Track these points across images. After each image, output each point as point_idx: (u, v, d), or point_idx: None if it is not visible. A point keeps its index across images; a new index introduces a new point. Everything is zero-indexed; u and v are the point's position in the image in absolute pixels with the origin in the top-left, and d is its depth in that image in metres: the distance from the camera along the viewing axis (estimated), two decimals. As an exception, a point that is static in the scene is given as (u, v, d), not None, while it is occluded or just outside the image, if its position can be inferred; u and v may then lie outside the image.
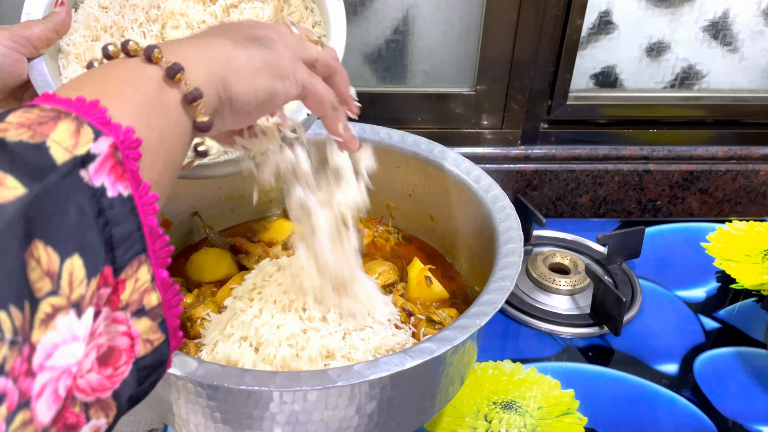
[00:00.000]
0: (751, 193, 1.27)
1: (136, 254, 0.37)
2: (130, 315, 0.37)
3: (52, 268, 0.32)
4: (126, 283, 0.36)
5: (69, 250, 0.33)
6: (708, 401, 0.87)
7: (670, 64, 1.20)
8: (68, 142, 0.34)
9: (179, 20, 0.75)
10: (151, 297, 0.38)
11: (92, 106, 0.37)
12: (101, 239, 0.35)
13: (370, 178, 0.98)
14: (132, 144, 0.38)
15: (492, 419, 0.84)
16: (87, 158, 0.35)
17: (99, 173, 0.35)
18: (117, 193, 0.36)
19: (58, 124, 0.35)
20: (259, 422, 0.62)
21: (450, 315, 0.83)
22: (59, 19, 0.66)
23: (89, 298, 0.34)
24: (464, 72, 1.17)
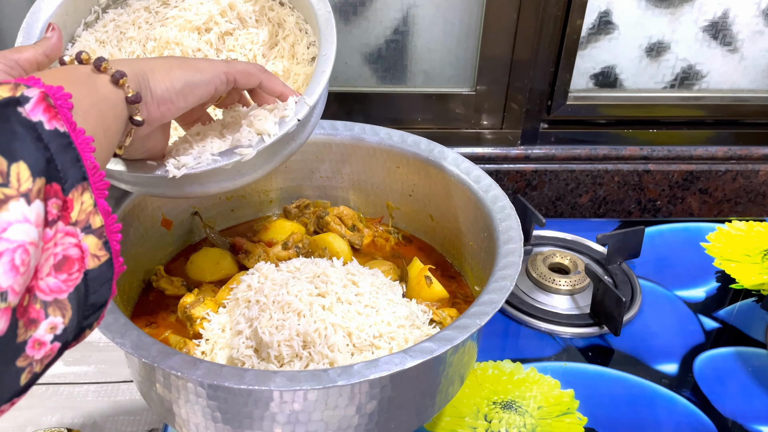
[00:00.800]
0: (751, 193, 1.27)
1: (79, 180, 0.44)
2: (80, 231, 0.44)
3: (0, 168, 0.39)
4: (74, 203, 0.43)
5: (14, 156, 0.39)
6: (708, 401, 0.87)
7: (669, 65, 1.20)
8: (6, 94, 0.41)
9: (175, 49, 0.76)
10: (95, 219, 0.45)
11: (29, 78, 0.45)
12: (42, 156, 0.41)
13: (370, 178, 0.99)
14: (62, 96, 0.45)
15: (492, 419, 0.84)
16: (21, 99, 0.42)
17: (34, 111, 0.42)
18: (53, 127, 0.43)
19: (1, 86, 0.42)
20: (259, 422, 0.62)
21: (450, 315, 0.83)
22: (50, 43, 0.69)
23: (36, 192, 0.40)
24: (464, 72, 1.18)
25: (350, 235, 0.96)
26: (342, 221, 0.98)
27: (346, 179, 1.00)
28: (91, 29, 0.78)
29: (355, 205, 1.02)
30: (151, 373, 0.66)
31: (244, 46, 0.78)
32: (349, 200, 1.02)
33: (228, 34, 0.78)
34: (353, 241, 0.96)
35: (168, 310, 0.84)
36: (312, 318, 0.68)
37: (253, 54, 0.78)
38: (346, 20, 1.12)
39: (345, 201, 1.02)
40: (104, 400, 0.86)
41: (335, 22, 0.74)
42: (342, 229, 0.96)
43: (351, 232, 0.97)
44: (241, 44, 0.78)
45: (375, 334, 0.70)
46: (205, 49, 0.76)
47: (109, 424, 0.83)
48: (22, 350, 0.40)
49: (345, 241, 0.94)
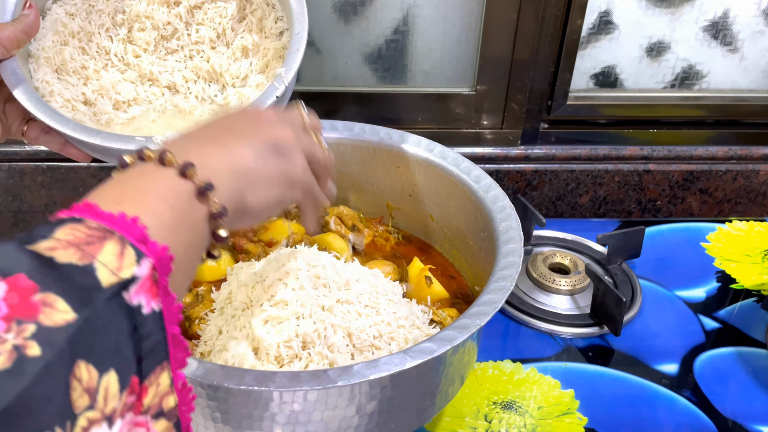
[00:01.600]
0: (751, 193, 1.27)
1: (159, 362, 0.39)
2: (150, 417, 0.39)
3: (90, 384, 0.34)
4: (149, 389, 0.39)
5: (106, 366, 0.35)
6: (708, 401, 0.87)
7: (670, 64, 1.20)
8: (113, 265, 0.37)
9: (145, 23, 0.77)
10: (169, 400, 0.40)
11: (133, 224, 0.40)
12: (134, 354, 0.37)
13: (370, 178, 0.99)
14: (166, 262, 0.40)
15: (492, 419, 0.84)
16: (129, 282, 0.37)
17: (138, 294, 0.38)
18: (150, 310, 0.39)
19: (105, 244, 0.37)
20: (259, 422, 0.62)
21: (450, 315, 0.83)
22: (28, 21, 0.68)
23: (120, 410, 0.36)
24: (464, 72, 1.17)
25: (350, 235, 0.96)
26: (342, 221, 0.98)
27: (346, 179, 1.00)
28: (60, 2, 0.79)
29: (355, 205, 1.02)
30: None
31: (213, 20, 0.79)
32: (349, 200, 1.02)
33: (197, 8, 0.80)
34: (353, 241, 0.96)
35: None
36: (311, 319, 0.68)
37: (222, 27, 0.80)
38: (346, 20, 1.12)
39: (345, 201, 1.02)
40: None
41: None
42: (342, 229, 0.96)
43: (351, 232, 0.97)
44: (210, 18, 0.79)
45: (375, 335, 0.70)
46: (174, 22, 0.78)
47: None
48: None
49: (345, 241, 0.94)
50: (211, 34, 0.79)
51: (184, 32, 0.79)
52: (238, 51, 0.80)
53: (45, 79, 0.74)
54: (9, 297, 0.33)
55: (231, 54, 0.80)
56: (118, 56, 0.79)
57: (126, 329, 0.37)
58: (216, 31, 0.80)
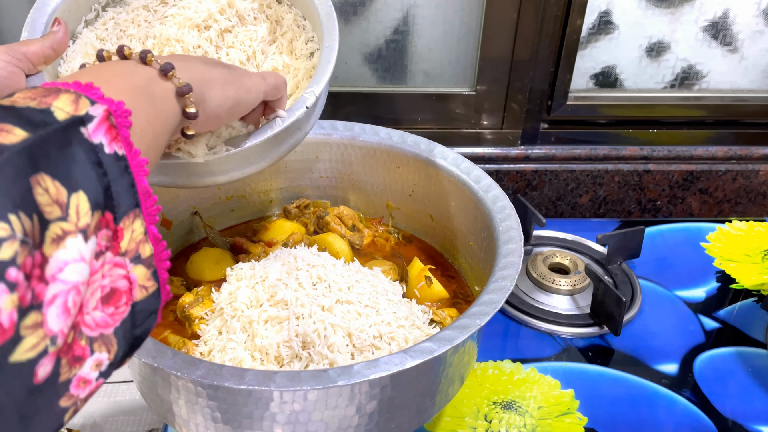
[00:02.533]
0: (751, 193, 1.27)
1: (132, 207, 0.42)
2: (129, 261, 0.42)
3: (60, 198, 0.37)
4: (124, 232, 0.41)
5: (74, 186, 0.38)
6: (708, 401, 0.87)
7: (670, 64, 1.20)
8: (69, 108, 0.39)
9: (175, 46, 0.77)
10: (145, 248, 0.43)
11: (88, 86, 0.43)
12: (100, 185, 0.39)
13: (370, 178, 0.99)
14: (123, 113, 0.43)
15: (492, 419, 0.84)
16: (85, 118, 0.40)
17: (96, 132, 0.40)
18: (113, 151, 0.41)
19: (60, 95, 0.40)
20: (259, 422, 0.62)
21: (450, 315, 0.83)
22: (56, 37, 0.70)
23: (93, 228, 0.39)
24: (464, 72, 1.18)
25: (350, 235, 0.96)
26: (342, 221, 0.98)
27: (346, 179, 1.00)
28: (92, 27, 0.79)
29: (355, 205, 1.02)
30: (151, 373, 0.66)
31: (243, 43, 0.79)
32: (349, 200, 1.02)
33: (227, 32, 0.79)
34: (353, 241, 0.96)
35: (167, 309, 0.84)
36: (311, 319, 0.68)
37: (252, 50, 0.79)
38: (346, 20, 1.12)
39: (345, 201, 1.02)
40: (104, 400, 0.86)
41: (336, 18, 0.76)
42: (342, 229, 0.96)
43: (351, 232, 0.97)
44: (240, 41, 0.79)
45: (375, 335, 0.70)
46: (205, 45, 0.78)
47: (109, 424, 0.83)
48: (66, 390, 0.37)
49: (345, 241, 0.94)
50: (241, 56, 0.79)
51: (215, 55, 0.79)
52: None
53: None
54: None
55: None
56: None
57: (89, 160, 0.39)
58: (246, 53, 0.80)
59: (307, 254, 0.78)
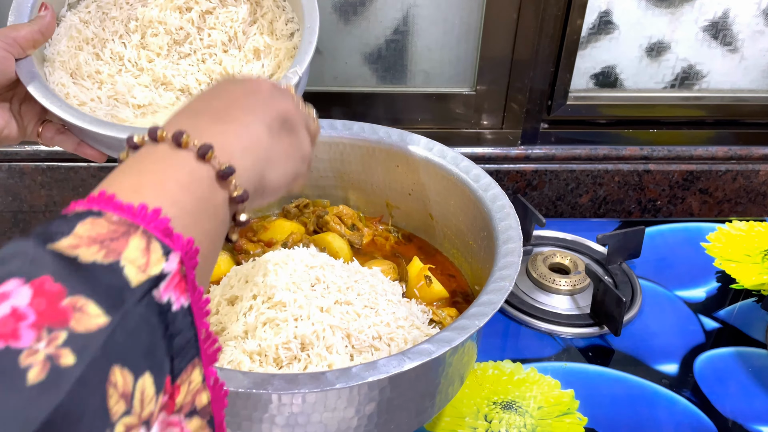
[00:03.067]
0: (751, 193, 1.27)
1: (191, 359, 0.38)
2: (183, 416, 0.38)
3: (126, 389, 0.33)
4: (181, 388, 0.37)
5: (141, 369, 0.34)
6: (708, 401, 0.87)
7: (670, 64, 1.20)
8: (140, 261, 0.35)
9: (158, 28, 0.79)
10: (201, 397, 0.39)
11: (155, 216, 0.38)
12: (167, 354, 0.36)
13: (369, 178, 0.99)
14: (193, 254, 0.39)
15: (492, 419, 0.84)
16: (159, 278, 0.36)
17: (167, 291, 0.36)
18: (180, 306, 0.37)
19: (129, 240, 0.35)
20: (258, 424, 0.62)
21: (450, 315, 0.83)
22: (44, 22, 0.70)
23: (156, 413, 0.35)
24: (464, 72, 1.17)
25: (350, 234, 0.96)
26: (342, 221, 0.98)
27: (346, 178, 1.00)
28: (74, 10, 0.80)
29: (354, 205, 1.02)
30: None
31: (224, 24, 0.81)
32: (348, 199, 1.02)
33: (208, 13, 0.81)
34: (353, 241, 0.96)
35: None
36: (310, 320, 0.68)
37: (234, 31, 0.81)
38: (346, 20, 1.12)
39: (344, 200, 1.02)
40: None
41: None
42: (342, 229, 0.96)
43: (351, 231, 0.97)
44: (221, 22, 0.81)
45: (374, 335, 0.70)
46: (187, 27, 0.80)
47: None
48: None
49: (345, 240, 0.94)
50: (223, 37, 0.81)
51: (197, 36, 0.81)
52: (250, 53, 0.81)
53: (60, 81, 0.75)
54: (36, 303, 0.31)
55: (243, 56, 0.82)
56: (132, 61, 0.80)
57: (158, 329, 0.35)
58: (228, 34, 0.82)
59: (306, 255, 0.78)
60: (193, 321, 0.38)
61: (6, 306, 0.30)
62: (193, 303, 0.38)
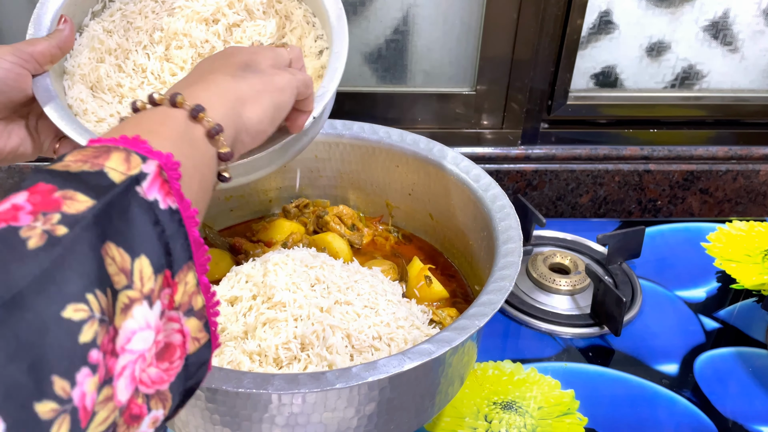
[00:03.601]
0: (752, 193, 1.27)
1: (185, 261, 0.41)
2: (182, 314, 0.41)
3: (125, 265, 0.37)
4: (178, 286, 0.41)
5: (137, 251, 0.38)
6: (708, 401, 0.87)
7: (670, 64, 1.20)
8: (122, 167, 0.39)
9: (183, 40, 0.75)
10: (197, 299, 0.42)
11: (135, 140, 0.42)
12: (160, 244, 0.39)
13: (369, 177, 0.99)
14: (173, 166, 0.42)
15: (492, 419, 0.83)
16: (140, 177, 0.39)
17: (151, 189, 0.40)
18: (167, 206, 0.40)
19: (111, 154, 0.40)
20: (258, 424, 0.62)
21: (450, 315, 0.83)
22: (63, 36, 0.68)
23: (157, 292, 0.39)
24: (464, 72, 1.17)
25: (350, 234, 0.96)
26: (341, 220, 0.98)
27: (346, 178, 1.00)
28: (98, 18, 0.77)
29: (354, 205, 1.02)
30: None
31: (251, 38, 0.77)
32: (348, 199, 1.02)
33: (236, 26, 0.78)
34: (353, 241, 0.96)
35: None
36: (310, 320, 0.68)
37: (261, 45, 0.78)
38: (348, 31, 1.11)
39: (344, 200, 1.02)
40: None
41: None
42: (342, 229, 0.96)
43: (351, 231, 0.97)
44: (248, 36, 0.77)
45: (374, 336, 0.69)
46: (212, 40, 0.76)
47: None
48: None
49: (345, 240, 0.94)
50: None
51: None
52: None
53: (79, 96, 0.72)
54: (31, 198, 0.35)
55: None
56: (155, 74, 0.77)
57: (148, 220, 0.39)
58: None
59: (306, 255, 0.78)
60: (182, 223, 0.41)
61: (6, 204, 0.35)
62: (182, 210, 0.42)
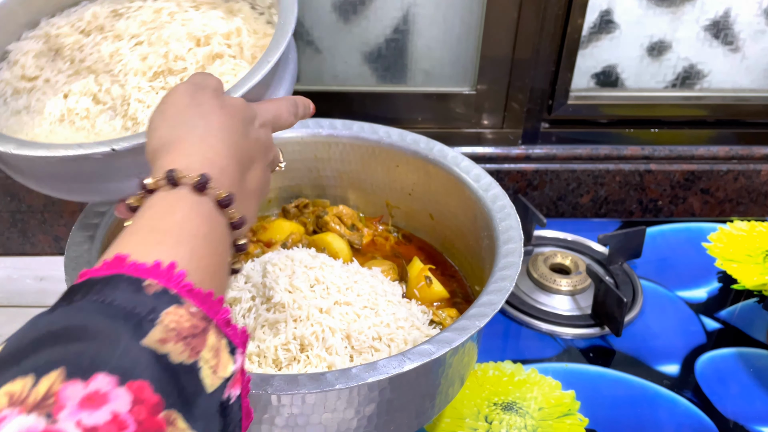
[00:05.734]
0: (753, 193, 1.26)
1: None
2: None
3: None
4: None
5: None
6: (709, 402, 0.87)
7: (671, 64, 1.19)
8: (213, 362, 0.37)
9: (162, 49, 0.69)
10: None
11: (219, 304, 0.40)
12: None
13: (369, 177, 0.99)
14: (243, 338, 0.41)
15: (492, 420, 0.83)
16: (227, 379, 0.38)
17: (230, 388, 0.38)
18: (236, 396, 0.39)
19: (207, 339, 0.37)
20: (258, 425, 0.62)
21: (450, 315, 0.82)
22: None
23: None
24: (464, 71, 1.17)
25: (350, 234, 0.96)
26: (341, 220, 0.97)
27: (345, 178, 1.00)
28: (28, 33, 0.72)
29: (354, 205, 1.02)
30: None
31: (223, 75, 0.68)
32: (348, 199, 1.02)
33: (219, 56, 0.69)
34: (353, 241, 0.96)
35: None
36: (309, 321, 0.68)
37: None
38: (345, 19, 1.11)
39: (344, 200, 1.02)
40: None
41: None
42: (341, 229, 0.96)
43: (350, 231, 0.97)
44: (222, 72, 0.68)
45: (374, 336, 0.69)
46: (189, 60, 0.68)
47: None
48: None
49: (344, 240, 0.94)
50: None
51: None
52: None
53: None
54: (136, 411, 0.32)
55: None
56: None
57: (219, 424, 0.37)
58: None
59: (305, 255, 0.78)
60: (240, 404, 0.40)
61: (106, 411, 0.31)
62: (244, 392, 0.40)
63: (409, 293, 0.87)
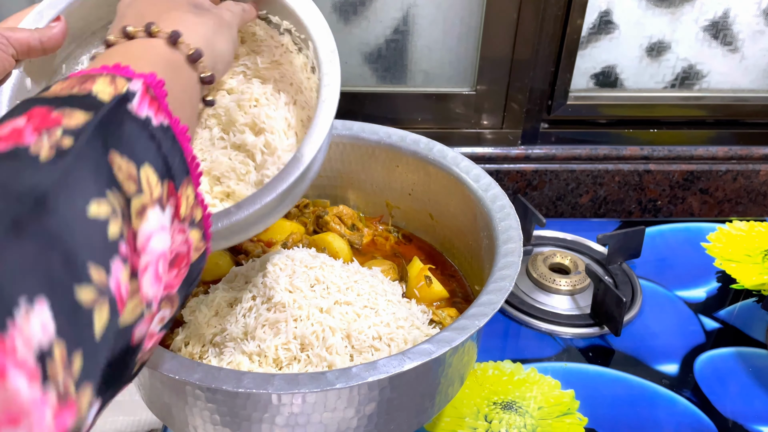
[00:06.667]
0: (752, 193, 1.27)
1: (185, 175, 0.44)
2: (187, 225, 0.44)
3: (132, 173, 0.39)
4: (181, 199, 0.43)
5: (140, 160, 0.40)
6: (708, 401, 0.87)
7: (670, 64, 1.20)
8: (108, 89, 0.41)
9: None
10: (197, 212, 0.46)
11: (116, 67, 0.44)
12: (159, 156, 0.41)
13: (369, 177, 0.99)
14: (158, 84, 0.44)
15: (492, 419, 0.83)
16: (128, 95, 0.41)
17: (141, 106, 0.42)
18: (159, 122, 0.42)
19: (96, 80, 0.41)
20: (258, 424, 0.62)
21: (450, 315, 0.83)
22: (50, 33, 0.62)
23: (165, 198, 0.41)
24: (464, 72, 1.17)
25: (350, 234, 0.96)
26: (341, 221, 0.98)
27: (345, 178, 1.00)
28: None
29: (354, 204, 1.02)
30: (150, 375, 0.65)
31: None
32: (348, 199, 1.02)
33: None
34: (353, 241, 0.96)
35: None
36: (309, 321, 0.68)
37: None
38: (346, 20, 1.11)
39: (344, 200, 1.02)
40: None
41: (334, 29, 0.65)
42: (341, 229, 0.96)
43: (350, 231, 0.97)
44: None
45: (374, 336, 0.69)
46: None
47: (108, 425, 0.83)
48: (142, 346, 0.41)
49: (345, 240, 0.94)
50: None
51: None
52: None
53: None
54: (31, 121, 0.37)
55: None
56: None
57: (144, 134, 0.41)
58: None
59: (305, 255, 0.78)
60: (176, 139, 0.43)
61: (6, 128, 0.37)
62: (174, 126, 0.43)
63: (409, 293, 0.87)
